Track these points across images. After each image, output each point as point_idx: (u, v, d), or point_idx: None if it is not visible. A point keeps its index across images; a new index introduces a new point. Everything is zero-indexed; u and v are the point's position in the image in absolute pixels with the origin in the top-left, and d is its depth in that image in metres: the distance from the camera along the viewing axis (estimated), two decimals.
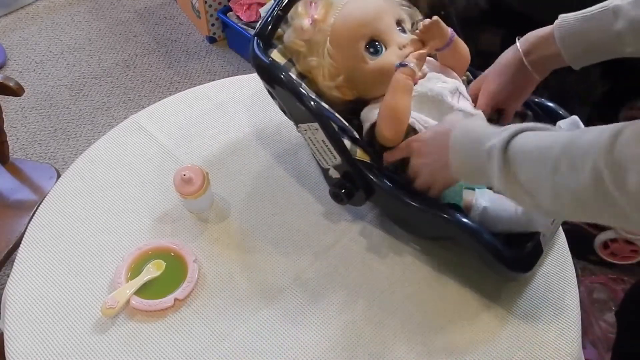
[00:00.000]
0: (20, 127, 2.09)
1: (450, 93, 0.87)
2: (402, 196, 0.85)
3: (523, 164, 0.65)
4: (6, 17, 2.52)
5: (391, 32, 0.86)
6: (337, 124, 0.86)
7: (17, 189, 1.35)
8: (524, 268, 0.84)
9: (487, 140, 0.68)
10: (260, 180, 1.02)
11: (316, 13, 0.87)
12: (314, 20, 0.87)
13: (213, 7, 2.29)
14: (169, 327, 0.84)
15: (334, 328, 0.84)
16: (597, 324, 1.47)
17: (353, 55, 0.87)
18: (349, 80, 0.89)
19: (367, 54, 0.86)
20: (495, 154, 0.66)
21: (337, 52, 0.87)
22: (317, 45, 0.88)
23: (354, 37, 0.86)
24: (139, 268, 0.88)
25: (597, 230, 1.57)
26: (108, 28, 2.48)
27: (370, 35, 0.86)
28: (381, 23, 0.86)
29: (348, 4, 0.87)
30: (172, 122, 1.12)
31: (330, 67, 0.87)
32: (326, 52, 0.87)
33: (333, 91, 0.89)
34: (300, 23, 0.88)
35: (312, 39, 0.88)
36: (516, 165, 0.65)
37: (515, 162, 0.65)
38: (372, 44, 0.86)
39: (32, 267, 0.91)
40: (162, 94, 2.20)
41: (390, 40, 0.86)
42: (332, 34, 0.87)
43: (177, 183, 0.92)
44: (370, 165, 0.86)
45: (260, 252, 0.93)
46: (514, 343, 0.84)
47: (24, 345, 0.82)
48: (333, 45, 0.87)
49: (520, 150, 0.65)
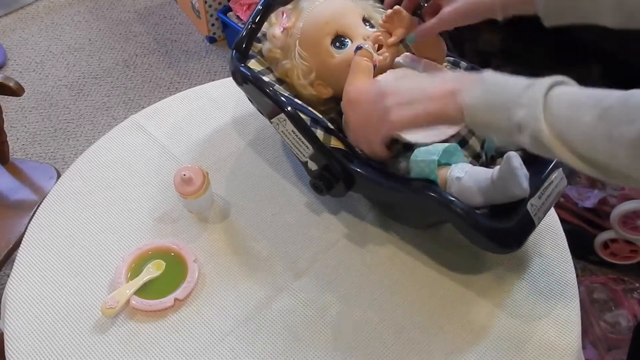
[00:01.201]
0: (20, 127, 2.09)
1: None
2: (377, 178, 0.85)
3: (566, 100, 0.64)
4: (6, 17, 2.52)
5: (356, 27, 0.90)
6: (309, 116, 0.88)
7: (17, 189, 1.35)
8: (512, 241, 0.81)
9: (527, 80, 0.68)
10: (260, 180, 1.02)
11: (287, 21, 0.94)
12: (285, 28, 0.93)
13: (213, 7, 2.29)
14: (169, 327, 0.84)
15: (334, 328, 0.84)
16: (597, 324, 1.47)
17: (320, 51, 0.91)
18: (321, 77, 0.92)
19: (333, 48, 0.90)
20: (538, 85, 0.65)
21: (306, 51, 0.91)
22: (289, 49, 0.93)
23: (320, 34, 0.90)
24: (139, 268, 0.88)
25: (597, 230, 1.58)
26: (108, 28, 2.48)
27: (335, 30, 0.90)
28: (345, 19, 0.90)
29: (315, 8, 0.92)
30: (172, 122, 1.12)
31: (302, 66, 0.92)
32: (297, 53, 0.92)
33: (309, 90, 0.93)
34: (272, 32, 0.95)
35: (285, 44, 0.93)
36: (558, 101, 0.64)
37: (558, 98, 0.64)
38: (338, 39, 0.90)
39: (32, 267, 0.91)
40: (162, 94, 2.20)
41: (355, 35, 0.90)
42: (301, 36, 0.92)
43: (177, 183, 0.92)
44: (345, 152, 0.88)
45: (260, 252, 0.93)
46: (513, 343, 0.84)
47: (24, 345, 0.82)
48: (302, 45, 0.92)
49: (566, 90, 0.65)
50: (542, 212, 0.83)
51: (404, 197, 0.85)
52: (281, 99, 0.88)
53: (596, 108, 0.61)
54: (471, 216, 0.79)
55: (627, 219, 1.47)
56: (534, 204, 0.81)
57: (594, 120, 0.60)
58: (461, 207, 0.79)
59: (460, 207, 0.78)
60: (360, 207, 0.97)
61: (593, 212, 1.57)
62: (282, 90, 0.92)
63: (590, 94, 0.64)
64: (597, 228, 1.57)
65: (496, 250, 0.84)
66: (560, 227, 0.97)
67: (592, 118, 0.61)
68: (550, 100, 0.64)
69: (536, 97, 0.65)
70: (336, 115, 0.94)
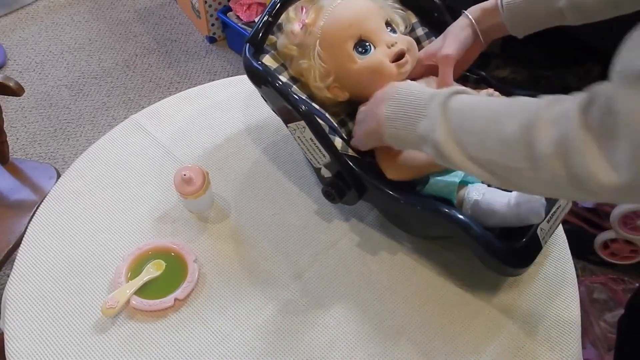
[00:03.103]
0: (20, 127, 2.09)
1: None
2: (391, 191, 0.85)
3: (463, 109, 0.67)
4: (6, 17, 2.52)
5: (379, 31, 0.87)
6: (327, 124, 0.87)
7: (17, 189, 1.35)
8: (520, 262, 0.82)
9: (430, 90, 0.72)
10: (260, 180, 1.02)
11: (307, 17, 0.89)
12: (305, 25, 0.89)
13: (213, 7, 2.29)
14: (169, 327, 0.84)
15: (334, 328, 0.84)
16: (597, 324, 1.47)
17: (342, 55, 0.87)
18: (339, 81, 0.89)
19: (355, 53, 0.87)
20: (439, 97, 0.68)
21: (327, 53, 0.88)
22: (308, 48, 0.89)
23: (342, 37, 0.87)
24: (139, 268, 0.88)
25: (597, 230, 1.58)
26: (108, 28, 2.48)
27: (359, 34, 0.87)
28: (369, 23, 0.87)
29: (337, 7, 0.88)
30: (172, 122, 1.12)
31: (320, 68, 0.88)
32: (316, 54, 0.88)
33: (324, 92, 0.90)
34: (291, 28, 0.90)
35: (303, 42, 0.89)
36: (455, 110, 0.67)
37: (455, 107, 0.67)
38: (361, 44, 0.87)
39: (32, 267, 0.91)
40: (162, 94, 2.20)
41: (379, 40, 0.87)
42: (322, 36, 0.88)
43: (177, 183, 0.92)
44: (361, 161, 0.87)
45: (260, 252, 0.93)
46: (513, 343, 0.84)
47: (24, 345, 0.82)
48: (322, 46, 0.88)
49: (464, 100, 0.67)
50: (548, 235, 0.84)
51: (417, 213, 0.84)
52: (302, 107, 0.85)
53: (489, 111, 0.64)
54: (486, 239, 0.79)
55: (627, 219, 1.47)
56: (543, 228, 0.83)
57: (486, 123, 0.63)
58: (477, 230, 0.79)
59: (475, 231, 0.79)
60: (360, 208, 0.97)
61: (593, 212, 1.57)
62: (298, 93, 0.89)
63: (485, 99, 0.68)
64: (597, 228, 1.57)
65: (505, 272, 0.85)
66: (560, 227, 0.97)
67: (484, 122, 0.64)
68: (448, 111, 0.67)
69: (435, 108, 0.68)
70: (346, 117, 0.93)
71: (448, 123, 0.66)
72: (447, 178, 0.83)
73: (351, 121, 0.92)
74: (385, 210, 0.95)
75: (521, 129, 0.59)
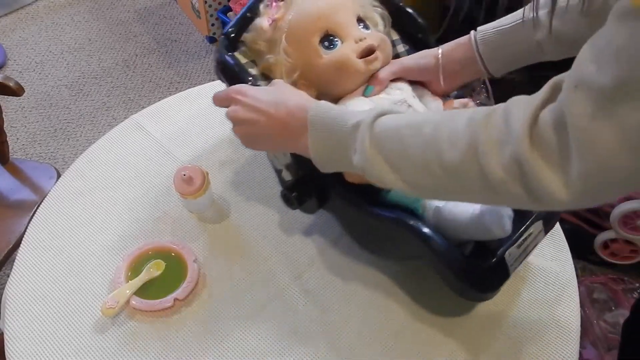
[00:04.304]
0: (20, 127, 2.09)
1: (391, 104, 0.84)
2: (351, 197, 0.80)
3: (391, 136, 0.65)
4: (6, 17, 2.52)
5: (348, 26, 0.84)
6: None
7: (17, 189, 1.35)
8: (483, 285, 0.75)
9: (353, 117, 0.68)
10: (260, 180, 1.02)
11: (276, 13, 0.87)
12: (274, 20, 0.87)
13: (213, 7, 2.29)
14: (169, 327, 0.84)
15: (334, 328, 0.84)
16: (597, 324, 1.47)
17: (307, 49, 0.84)
18: (306, 77, 0.86)
19: (321, 47, 0.84)
20: (363, 127, 0.66)
21: (293, 47, 0.85)
22: (275, 43, 0.86)
23: (308, 31, 0.84)
24: (139, 268, 0.88)
25: (597, 230, 1.58)
26: (108, 28, 2.48)
27: (325, 28, 0.84)
28: (336, 17, 0.84)
29: (306, 1, 0.86)
30: (172, 122, 1.12)
31: (286, 63, 0.86)
32: (281, 48, 0.86)
33: None
34: (260, 23, 0.88)
35: (271, 37, 0.87)
36: (383, 138, 0.65)
37: (382, 135, 0.65)
38: (328, 38, 0.84)
39: (32, 267, 0.91)
40: (162, 94, 2.20)
41: (347, 35, 0.84)
42: (288, 30, 0.85)
43: (177, 183, 0.92)
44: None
45: (260, 252, 0.93)
46: (513, 343, 0.84)
47: (24, 345, 0.82)
48: (288, 40, 0.85)
49: (388, 125, 0.65)
50: (517, 263, 0.79)
51: (379, 224, 0.80)
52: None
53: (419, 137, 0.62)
54: (447, 253, 0.74)
55: (627, 219, 1.47)
56: (512, 253, 0.77)
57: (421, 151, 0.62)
58: (438, 242, 0.74)
59: (437, 243, 0.74)
60: None
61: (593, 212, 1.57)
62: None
63: (406, 119, 0.66)
64: (597, 228, 1.57)
65: (466, 294, 0.79)
66: (560, 227, 0.97)
67: (419, 150, 0.62)
68: (376, 140, 0.65)
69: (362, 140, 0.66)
70: None
71: (381, 154, 0.65)
72: None
73: None
74: (349, 226, 0.89)
75: (465, 156, 0.58)
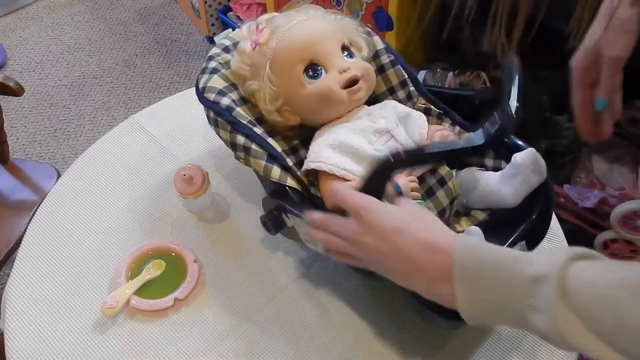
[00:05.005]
0: (20, 127, 2.09)
1: (374, 133, 0.82)
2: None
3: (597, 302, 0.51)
4: (6, 17, 2.52)
5: (332, 56, 0.83)
6: (267, 150, 0.82)
7: (17, 189, 1.35)
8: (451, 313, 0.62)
9: (528, 265, 0.54)
10: None
11: (260, 37, 0.85)
12: (257, 44, 0.85)
13: (213, 7, 2.29)
14: (169, 327, 0.84)
15: (334, 328, 0.84)
16: None
17: (291, 78, 0.83)
18: (289, 104, 0.85)
19: (305, 77, 0.83)
20: (549, 283, 0.52)
21: (276, 75, 0.84)
22: (259, 68, 0.85)
23: (293, 60, 0.83)
24: (139, 268, 0.88)
25: (597, 230, 1.57)
26: (108, 28, 2.48)
27: (309, 58, 0.83)
28: (321, 47, 0.83)
29: (291, 28, 0.85)
30: (172, 122, 1.12)
31: (269, 90, 0.84)
32: (266, 75, 0.84)
33: (274, 115, 0.86)
34: (243, 47, 0.87)
35: (254, 62, 0.86)
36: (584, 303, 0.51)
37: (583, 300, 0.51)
38: (312, 67, 0.83)
39: (32, 267, 0.91)
40: (162, 94, 2.20)
41: (330, 65, 0.83)
42: (272, 58, 0.84)
43: (177, 183, 0.92)
44: (300, 194, 0.81)
45: (260, 252, 0.93)
46: (512, 343, 0.84)
47: (24, 345, 0.82)
48: (272, 68, 0.84)
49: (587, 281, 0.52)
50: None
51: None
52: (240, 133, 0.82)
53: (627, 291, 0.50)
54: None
55: (627, 219, 1.47)
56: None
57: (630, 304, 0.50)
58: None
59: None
60: None
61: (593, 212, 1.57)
62: (242, 116, 0.84)
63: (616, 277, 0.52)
64: (597, 228, 1.57)
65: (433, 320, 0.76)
66: (560, 227, 0.97)
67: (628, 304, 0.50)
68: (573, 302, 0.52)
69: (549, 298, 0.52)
70: (300, 143, 0.90)
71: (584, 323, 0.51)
72: None
73: (304, 148, 0.88)
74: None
75: None
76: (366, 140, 0.82)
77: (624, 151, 1.50)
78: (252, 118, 0.86)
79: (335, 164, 0.80)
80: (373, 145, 0.82)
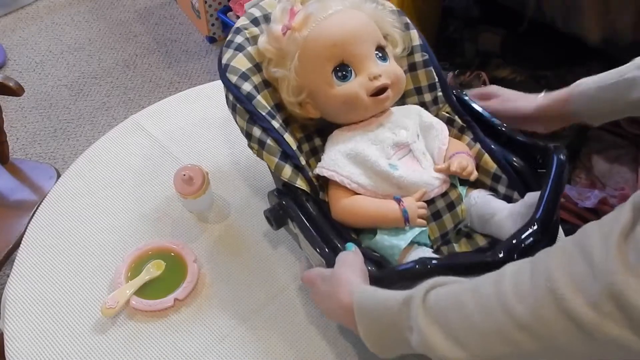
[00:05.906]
0: (20, 127, 2.09)
1: (393, 146, 0.81)
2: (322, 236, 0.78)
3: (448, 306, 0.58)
4: (6, 17, 2.52)
5: (365, 59, 0.79)
6: (282, 147, 0.80)
7: (17, 189, 1.35)
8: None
9: (401, 294, 0.62)
10: (260, 180, 1.02)
11: (293, 21, 0.81)
12: (289, 29, 0.81)
13: (213, 7, 2.29)
14: (169, 327, 0.84)
15: (334, 328, 0.84)
16: None
17: (319, 75, 0.80)
18: (312, 99, 0.83)
19: (334, 77, 0.79)
20: (414, 301, 0.60)
21: (303, 68, 0.80)
22: (286, 56, 0.81)
23: (323, 56, 0.79)
24: (139, 268, 0.88)
25: None
26: (108, 28, 2.48)
27: (342, 58, 0.79)
28: (356, 47, 0.79)
29: (327, 19, 0.80)
30: (172, 122, 1.12)
31: (294, 81, 0.81)
32: (293, 66, 0.81)
33: (295, 107, 0.84)
34: (273, 29, 0.82)
35: (283, 48, 0.81)
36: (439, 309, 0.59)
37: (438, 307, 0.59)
38: (342, 68, 0.79)
39: (32, 267, 0.91)
40: (162, 94, 2.20)
41: (362, 68, 0.79)
42: (302, 49, 0.80)
43: (177, 183, 0.92)
44: (307, 195, 0.81)
45: (260, 252, 0.93)
46: None
47: (24, 345, 0.82)
48: (301, 60, 0.80)
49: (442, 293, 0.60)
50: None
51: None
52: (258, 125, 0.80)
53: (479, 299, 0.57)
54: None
55: None
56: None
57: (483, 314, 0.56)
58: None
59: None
60: None
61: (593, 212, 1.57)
62: (261, 105, 0.81)
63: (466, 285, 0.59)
64: None
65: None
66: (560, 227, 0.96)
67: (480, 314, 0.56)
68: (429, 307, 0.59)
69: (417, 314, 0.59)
70: (315, 132, 0.89)
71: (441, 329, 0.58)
72: (394, 239, 0.77)
73: (318, 137, 0.88)
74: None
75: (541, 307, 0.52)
76: (384, 153, 0.81)
77: (624, 151, 1.50)
78: (271, 106, 0.83)
79: (348, 176, 0.80)
80: (390, 159, 0.81)
